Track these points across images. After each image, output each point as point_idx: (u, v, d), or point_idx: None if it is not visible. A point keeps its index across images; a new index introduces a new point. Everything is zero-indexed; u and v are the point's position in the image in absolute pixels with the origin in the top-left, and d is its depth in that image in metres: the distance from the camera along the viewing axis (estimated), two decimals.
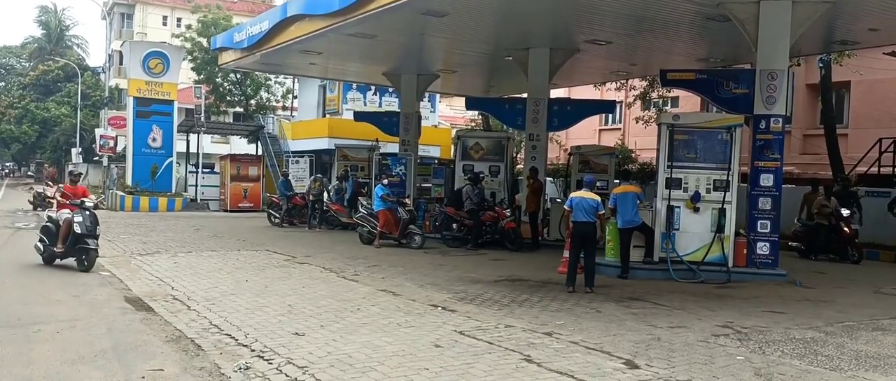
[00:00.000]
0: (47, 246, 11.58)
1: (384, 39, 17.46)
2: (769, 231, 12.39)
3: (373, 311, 8.47)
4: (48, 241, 11.58)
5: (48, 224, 11.76)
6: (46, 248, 11.61)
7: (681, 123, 12.53)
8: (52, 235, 11.53)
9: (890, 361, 6.72)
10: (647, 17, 14.52)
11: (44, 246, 11.65)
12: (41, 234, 11.79)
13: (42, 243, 11.69)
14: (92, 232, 11.24)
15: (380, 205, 16.15)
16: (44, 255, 11.66)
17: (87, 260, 11.23)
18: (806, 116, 23.93)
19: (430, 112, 34.99)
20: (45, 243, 11.63)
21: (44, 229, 11.80)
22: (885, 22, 14.14)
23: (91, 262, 11.23)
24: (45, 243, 11.64)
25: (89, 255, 11.23)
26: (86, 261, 11.23)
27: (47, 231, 11.67)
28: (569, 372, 6.00)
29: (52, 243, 11.49)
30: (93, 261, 11.25)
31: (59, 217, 11.55)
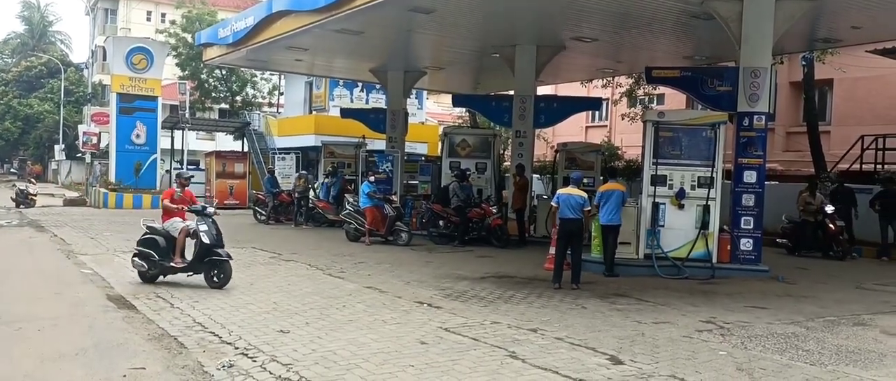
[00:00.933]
0: (156, 260, 9.79)
1: (371, 36, 17.44)
2: (752, 228, 12.49)
3: (358, 308, 8.47)
4: (157, 254, 9.80)
5: (152, 236, 9.96)
6: (155, 262, 9.81)
7: (666, 121, 12.61)
8: (161, 247, 9.84)
9: (870, 355, 6.80)
10: (633, 15, 14.59)
11: (149, 261, 9.83)
12: (141, 247, 9.94)
13: (143, 257, 9.88)
14: (220, 242, 9.75)
15: (367, 202, 16.13)
16: (149, 271, 9.90)
17: (221, 274, 9.65)
18: (789, 114, 24.09)
19: (418, 109, 34.94)
20: (152, 257, 9.81)
21: (146, 242, 9.95)
22: (867, 20, 14.28)
23: (227, 276, 9.66)
24: (150, 257, 9.83)
25: (223, 268, 9.66)
26: (219, 275, 9.65)
27: (151, 244, 9.90)
28: (553, 368, 6.03)
29: (162, 257, 9.80)
30: (229, 275, 9.68)
31: (169, 227, 10.02)
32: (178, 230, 9.95)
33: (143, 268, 9.91)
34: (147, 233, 10.06)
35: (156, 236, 9.97)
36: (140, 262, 9.91)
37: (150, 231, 10.06)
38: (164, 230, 10.04)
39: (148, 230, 10.10)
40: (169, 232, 10.00)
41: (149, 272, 9.91)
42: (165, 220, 10.22)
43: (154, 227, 10.15)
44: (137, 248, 10.03)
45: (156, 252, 9.85)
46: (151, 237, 9.97)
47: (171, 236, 9.96)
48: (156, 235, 10.00)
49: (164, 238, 9.95)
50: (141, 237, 10.09)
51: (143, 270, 9.93)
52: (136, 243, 10.09)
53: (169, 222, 10.15)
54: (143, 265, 9.89)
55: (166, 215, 10.27)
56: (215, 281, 9.62)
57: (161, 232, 10.03)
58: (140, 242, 10.05)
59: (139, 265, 9.92)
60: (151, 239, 9.95)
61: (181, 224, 10.04)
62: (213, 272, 9.68)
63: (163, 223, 10.19)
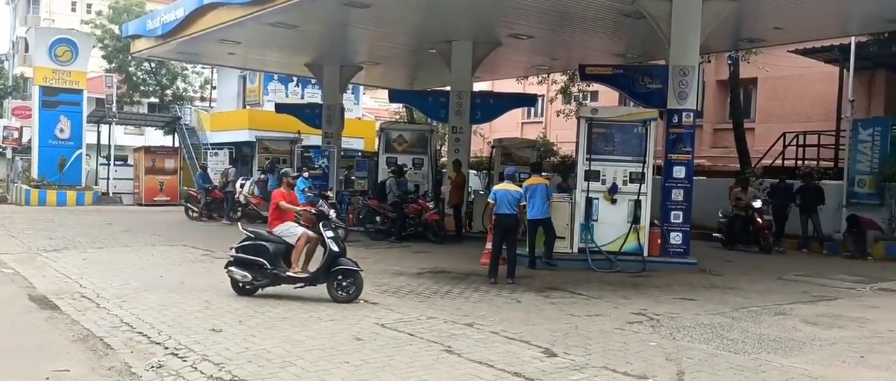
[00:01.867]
0: (268, 270, 8.64)
1: (306, 30, 17.22)
2: (681, 222, 12.85)
3: (293, 305, 8.36)
4: (269, 263, 8.66)
5: (260, 242, 8.80)
6: (266, 272, 8.65)
7: (598, 117, 12.85)
8: (271, 255, 8.71)
9: (790, 343, 7.09)
10: (567, 13, 14.82)
11: (256, 270, 8.66)
12: (245, 254, 8.73)
13: (247, 266, 8.69)
14: (344, 249, 8.88)
15: (302, 198, 15.89)
16: (254, 282, 8.71)
17: (353, 286, 8.64)
18: (716, 111, 24.89)
19: (354, 104, 34.66)
20: (262, 266, 8.63)
21: (252, 249, 8.75)
22: (788, 21, 14.86)
23: (359, 287, 8.65)
24: (258, 266, 8.65)
25: (356, 279, 8.67)
26: (350, 287, 8.64)
27: (260, 251, 8.71)
28: (488, 362, 6.08)
29: (274, 265, 8.69)
30: (360, 286, 8.67)
31: (283, 232, 9.00)
32: (296, 236, 8.92)
33: (247, 278, 8.66)
34: (250, 238, 8.87)
35: (266, 243, 8.78)
36: (242, 272, 8.66)
37: (256, 237, 8.91)
38: (276, 236, 8.97)
39: (251, 235, 8.93)
40: (283, 238, 8.96)
41: (254, 283, 8.71)
42: (276, 224, 9.11)
43: (259, 232, 9.09)
44: (237, 255, 8.74)
45: (268, 260, 8.65)
46: (259, 244, 8.76)
47: (284, 244, 8.94)
48: (264, 241, 8.82)
49: (275, 244, 8.84)
50: (242, 243, 8.82)
51: (245, 280, 8.68)
52: (235, 250, 8.77)
53: (283, 226, 9.07)
54: (246, 275, 8.65)
55: (278, 219, 9.14)
56: (344, 293, 8.61)
57: (272, 238, 8.92)
58: (242, 248, 8.77)
59: (241, 276, 8.67)
60: (259, 246, 8.74)
61: (300, 230, 9.04)
62: (342, 284, 8.65)
63: (273, 228, 9.08)
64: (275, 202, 9.20)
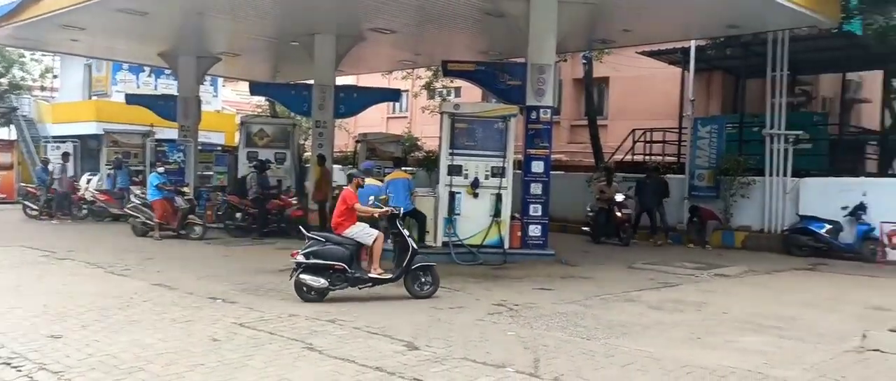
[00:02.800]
0: (349, 274, 8.50)
1: (158, 17, 16.31)
2: (540, 215, 13.33)
3: (144, 307, 7.94)
4: (349, 266, 8.48)
5: (334, 246, 8.58)
6: (347, 276, 8.51)
7: (460, 113, 13.08)
8: (348, 257, 8.53)
9: (637, 328, 7.53)
10: (429, 10, 14.95)
11: (333, 276, 8.45)
12: (315, 258, 8.43)
13: (322, 271, 8.43)
14: None
15: (156, 194, 15.16)
16: (330, 288, 8.45)
17: (432, 281, 8.91)
18: (572, 108, 26.02)
19: (213, 96, 33.29)
20: (342, 270, 8.46)
21: (324, 253, 8.49)
22: (636, 24, 15.75)
23: (436, 282, 8.96)
24: (333, 269, 8.44)
25: (433, 273, 8.93)
26: (431, 283, 8.90)
27: (337, 255, 8.51)
28: (350, 358, 6.03)
29: (354, 268, 8.58)
30: (438, 281, 8.97)
31: (356, 233, 8.85)
32: (372, 237, 8.92)
33: (321, 284, 8.37)
34: (320, 242, 8.56)
35: (340, 246, 8.59)
36: (315, 278, 8.37)
37: (327, 240, 8.64)
38: (348, 238, 8.76)
39: (322, 239, 8.63)
40: (356, 240, 8.81)
41: (330, 288, 8.44)
42: (347, 226, 8.88)
43: (328, 235, 8.81)
44: (310, 260, 8.40)
45: (347, 264, 8.49)
46: (334, 247, 8.56)
47: (356, 245, 8.79)
48: (336, 244, 8.62)
49: (351, 248, 8.67)
50: (313, 248, 8.49)
51: (319, 286, 8.37)
52: (305, 256, 8.40)
53: (356, 228, 8.93)
54: (320, 281, 8.36)
55: (349, 221, 8.94)
56: (423, 289, 8.76)
57: (343, 240, 8.71)
58: (315, 253, 8.45)
59: (315, 282, 8.35)
60: (335, 250, 8.53)
61: (376, 231, 9.00)
62: (421, 280, 8.79)
63: (344, 230, 8.84)
64: (349, 204, 8.97)
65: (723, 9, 14.38)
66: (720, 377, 5.75)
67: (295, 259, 8.50)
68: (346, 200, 9.04)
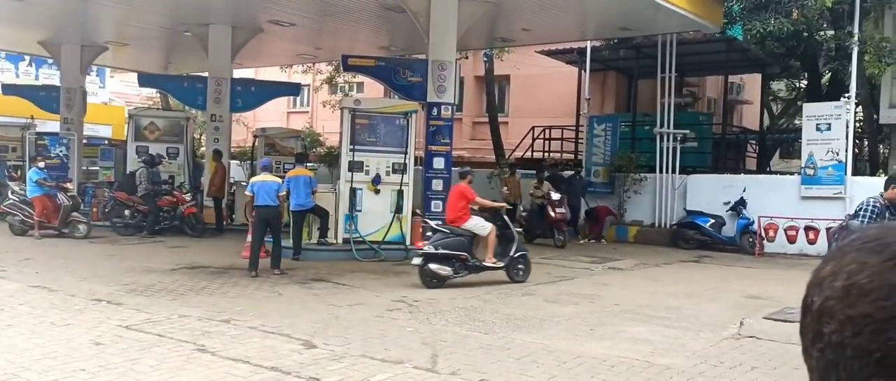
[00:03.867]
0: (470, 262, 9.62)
1: (37, 3, 15.34)
2: (442, 211, 13.38)
3: (21, 310, 7.46)
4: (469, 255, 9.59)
5: (459, 238, 9.61)
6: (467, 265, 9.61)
7: (362, 108, 13.00)
8: (468, 247, 9.62)
9: (533, 321, 7.69)
10: (328, 2, 14.76)
11: (457, 264, 9.54)
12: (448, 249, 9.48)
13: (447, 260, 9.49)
14: None
15: (36, 191, 14.27)
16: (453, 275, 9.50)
17: (527, 268, 10.15)
18: (474, 105, 26.33)
19: (100, 87, 31.72)
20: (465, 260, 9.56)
21: (453, 244, 9.54)
22: (535, 23, 16.10)
23: (529, 270, 10.15)
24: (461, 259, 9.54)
25: (528, 263, 10.18)
26: (526, 270, 10.14)
27: (460, 245, 9.58)
28: (244, 358, 5.88)
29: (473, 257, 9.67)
30: (530, 269, 10.16)
31: (473, 227, 9.78)
32: (487, 230, 9.82)
33: (447, 272, 9.44)
34: (448, 234, 9.60)
35: (462, 238, 9.66)
36: (442, 266, 9.43)
37: (451, 233, 9.65)
38: (465, 230, 9.77)
39: (447, 232, 9.67)
40: (474, 232, 9.79)
41: (453, 276, 9.52)
42: (465, 219, 9.85)
43: (450, 227, 9.80)
44: (438, 251, 9.44)
45: (469, 253, 9.67)
46: (459, 239, 9.62)
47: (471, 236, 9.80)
48: (459, 236, 9.67)
49: (469, 239, 9.75)
50: (441, 240, 9.53)
51: (445, 273, 9.43)
52: (434, 247, 9.45)
53: (474, 221, 9.90)
54: (446, 269, 9.44)
55: (467, 215, 9.90)
56: (519, 275, 9.98)
57: (462, 232, 9.72)
58: (442, 245, 9.49)
59: (441, 270, 9.41)
60: (459, 241, 9.62)
61: (489, 224, 9.90)
62: (518, 268, 10.00)
63: (462, 223, 9.81)
64: (467, 199, 9.99)
65: (615, 12, 14.93)
66: (610, 367, 5.95)
67: (421, 249, 9.68)
68: (465, 195, 10.06)
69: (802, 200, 15.12)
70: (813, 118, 15.30)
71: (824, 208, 14.57)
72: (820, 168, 14.99)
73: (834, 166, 14.83)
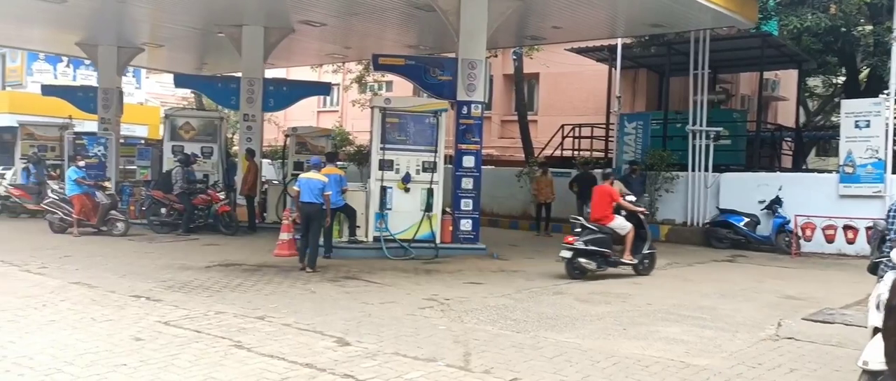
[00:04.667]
0: (611, 258, 10.56)
1: (76, 5, 15.66)
2: (471, 209, 13.43)
3: (62, 306, 7.64)
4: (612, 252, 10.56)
5: (604, 236, 10.51)
6: (611, 260, 10.55)
7: (392, 107, 13.03)
8: (611, 245, 10.58)
9: (564, 320, 7.67)
10: (358, 2, 14.84)
11: (601, 259, 10.47)
12: (596, 246, 10.41)
13: (594, 256, 10.41)
14: None
15: (75, 189, 14.58)
16: (596, 270, 10.44)
17: (653, 264, 11.14)
18: (503, 104, 26.28)
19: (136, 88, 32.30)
20: (609, 256, 10.52)
21: (597, 241, 10.45)
22: (565, 21, 16.02)
23: (654, 265, 11.15)
24: (606, 256, 10.48)
25: (654, 259, 11.19)
26: (651, 265, 11.10)
27: (605, 242, 10.51)
28: (279, 355, 5.95)
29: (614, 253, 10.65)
30: (654, 263, 11.18)
31: (616, 226, 10.67)
32: (627, 229, 10.69)
33: (592, 266, 10.41)
34: (595, 232, 10.51)
35: (606, 236, 10.56)
36: (589, 260, 10.37)
37: (598, 231, 10.55)
38: (608, 228, 10.63)
39: (595, 230, 10.54)
40: (616, 231, 10.66)
41: (596, 271, 10.45)
42: (611, 219, 10.68)
43: (597, 226, 10.62)
44: (587, 247, 10.38)
45: (611, 250, 10.54)
46: (604, 237, 10.53)
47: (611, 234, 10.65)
48: (605, 233, 10.55)
49: (610, 237, 10.61)
50: (591, 237, 10.44)
51: (590, 267, 10.41)
52: (584, 243, 10.39)
53: (618, 221, 10.73)
54: (592, 263, 10.39)
55: (611, 215, 10.74)
56: (646, 270, 10.88)
57: (607, 230, 10.60)
58: (591, 241, 10.43)
59: (589, 264, 10.37)
60: (604, 238, 10.53)
61: (629, 224, 10.72)
62: (645, 263, 10.91)
63: (608, 223, 10.64)
64: (613, 200, 10.82)
65: (647, 8, 14.78)
66: (645, 367, 5.91)
67: (571, 245, 10.39)
68: (610, 195, 10.87)
69: (841, 198, 14.85)
70: (851, 115, 15.02)
71: (863, 206, 14.30)
72: (859, 166, 14.71)
73: (873, 164, 14.54)
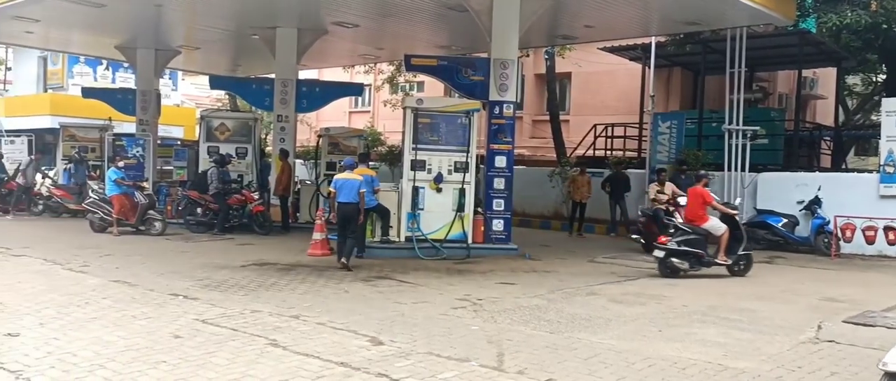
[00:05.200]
0: (704, 259, 10.86)
1: (115, 9, 15.96)
2: (503, 209, 13.41)
3: (104, 304, 7.80)
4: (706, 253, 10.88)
5: (698, 237, 10.89)
6: (705, 261, 10.87)
7: (424, 107, 13.07)
8: (705, 246, 10.97)
9: (598, 321, 7.63)
10: (391, 3, 14.92)
11: (694, 259, 10.79)
12: (689, 247, 10.74)
13: (687, 256, 10.73)
14: None
15: (114, 189, 14.88)
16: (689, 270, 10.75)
17: (748, 265, 11.23)
18: (534, 103, 26.19)
19: (172, 90, 32.81)
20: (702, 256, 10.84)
21: (690, 242, 10.79)
22: (597, 20, 15.92)
23: (749, 266, 11.24)
24: (694, 256, 10.78)
25: (749, 260, 11.29)
26: (745, 267, 11.19)
27: (700, 243, 10.87)
28: (315, 353, 6.01)
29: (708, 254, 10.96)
30: (751, 264, 11.27)
31: (711, 227, 11.00)
32: (722, 230, 10.96)
33: (685, 266, 10.64)
34: (689, 233, 10.77)
35: (700, 237, 10.87)
36: (681, 260, 10.63)
37: (692, 232, 10.83)
38: (702, 229, 10.93)
39: (689, 231, 10.81)
40: (710, 232, 10.96)
41: (689, 271, 10.71)
42: (705, 220, 10.97)
43: (691, 227, 10.94)
44: (680, 248, 10.65)
45: (705, 251, 10.87)
46: (698, 238, 10.82)
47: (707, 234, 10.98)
48: (699, 234, 10.88)
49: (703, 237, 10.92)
50: (684, 238, 10.72)
51: (683, 267, 10.64)
52: (677, 243, 10.66)
53: (712, 222, 11.01)
54: (685, 263, 10.63)
55: (705, 216, 11.01)
56: (741, 271, 11.07)
57: (701, 231, 10.92)
58: (684, 242, 10.71)
59: (682, 264, 10.62)
60: (698, 240, 10.83)
61: (723, 225, 11.01)
62: (740, 264, 11.10)
63: (702, 224, 10.95)
64: (706, 202, 11.09)
65: (682, 6, 14.61)
66: (681, 369, 5.86)
67: (664, 245, 10.65)
68: (704, 197, 11.12)
69: (881, 198, 14.52)
70: (893, 114, 14.68)
71: None
72: None
73: None
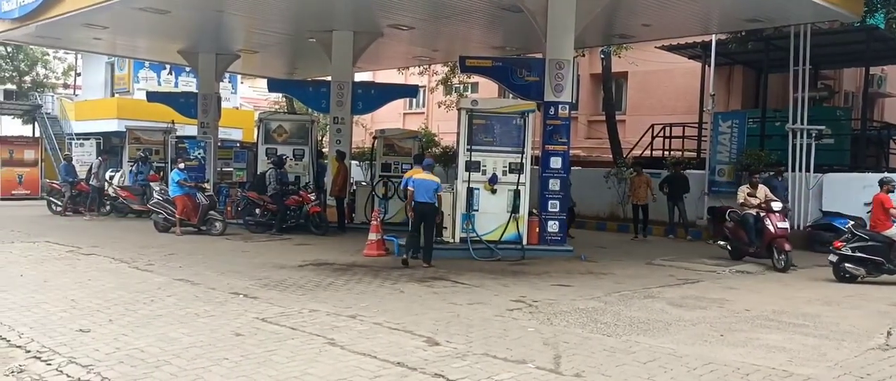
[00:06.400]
0: (884, 266, 10.70)
1: (178, 15, 16.45)
2: (558, 211, 13.31)
3: (168, 302, 8.04)
4: (886, 260, 10.67)
5: (877, 244, 10.79)
6: (879, 267, 10.71)
7: (479, 109, 13.08)
8: (886, 253, 10.76)
9: (657, 325, 7.51)
10: (446, 5, 14.97)
11: (868, 266, 10.71)
12: (859, 252, 10.75)
13: (860, 262, 10.71)
14: None
15: (177, 190, 15.32)
16: (866, 276, 10.71)
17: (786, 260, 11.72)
18: (590, 104, 25.91)
19: (232, 93, 33.59)
20: (877, 263, 10.68)
21: (867, 249, 10.77)
22: (655, 18, 15.66)
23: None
24: (872, 262, 10.68)
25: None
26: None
27: (877, 250, 10.77)
28: (372, 353, 6.08)
29: (890, 262, 10.71)
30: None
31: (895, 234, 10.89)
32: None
33: (860, 272, 10.66)
34: (866, 240, 10.72)
35: (881, 244, 10.72)
36: (856, 266, 10.67)
37: (870, 238, 10.76)
38: (884, 236, 10.75)
39: (866, 237, 10.76)
40: (893, 239, 10.78)
41: (866, 277, 10.65)
42: (887, 227, 10.79)
43: (870, 233, 10.86)
44: (855, 254, 10.67)
45: (885, 259, 10.63)
46: (877, 244, 10.72)
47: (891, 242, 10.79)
48: (879, 241, 10.73)
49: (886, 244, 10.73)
50: (859, 244, 10.70)
51: (858, 273, 10.66)
52: (851, 250, 10.69)
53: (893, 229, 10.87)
54: (859, 270, 10.66)
55: (888, 223, 10.82)
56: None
57: (881, 238, 10.76)
58: (860, 249, 10.69)
59: (856, 270, 10.67)
60: (878, 246, 10.71)
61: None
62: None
63: (884, 230, 10.77)
64: (888, 208, 10.86)
65: (745, 3, 14.26)
66: (744, 375, 5.72)
67: (838, 250, 10.72)
68: (884, 203, 10.89)
69: None
70: None
71: None
72: None
73: None
